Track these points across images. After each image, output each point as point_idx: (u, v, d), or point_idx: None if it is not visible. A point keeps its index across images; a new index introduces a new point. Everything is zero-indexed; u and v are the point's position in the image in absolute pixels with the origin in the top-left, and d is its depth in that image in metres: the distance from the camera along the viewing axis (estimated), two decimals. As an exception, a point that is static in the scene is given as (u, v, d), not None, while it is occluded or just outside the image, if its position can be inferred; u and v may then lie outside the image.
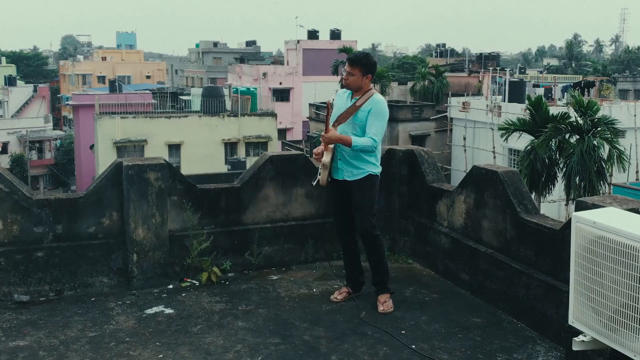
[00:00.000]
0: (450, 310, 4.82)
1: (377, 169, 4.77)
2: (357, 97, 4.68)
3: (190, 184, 5.40)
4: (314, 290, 5.18)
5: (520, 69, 64.20)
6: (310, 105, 41.73)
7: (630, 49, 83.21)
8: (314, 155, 4.77)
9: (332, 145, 4.64)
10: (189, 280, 5.35)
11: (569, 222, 4.11)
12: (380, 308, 4.71)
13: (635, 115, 28.92)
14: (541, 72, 64.48)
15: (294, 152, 5.82)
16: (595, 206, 3.70)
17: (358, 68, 4.60)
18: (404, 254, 5.98)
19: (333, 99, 4.82)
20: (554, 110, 22.57)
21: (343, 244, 4.99)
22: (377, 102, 4.65)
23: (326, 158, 4.65)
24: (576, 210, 3.81)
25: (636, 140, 27.00)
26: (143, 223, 5.16)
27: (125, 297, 5.08)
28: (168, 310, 4.79)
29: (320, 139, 4.65)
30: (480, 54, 58.95)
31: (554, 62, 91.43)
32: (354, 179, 4.68)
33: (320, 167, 4.72)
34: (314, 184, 4.87)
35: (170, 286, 5.26)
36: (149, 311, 4.79)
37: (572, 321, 3.45)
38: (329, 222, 5.48)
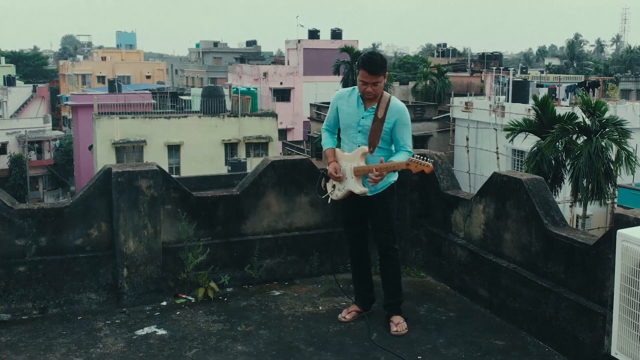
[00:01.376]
0: (469, 331, 4.40)
1: (396, 176, 4.39)
2: (374, 107, 4.25)
3: (186, 191, 4.98)
4: (320, 308, 4.77)
5: (522, 68, 63.79)
6: (311, 105, 41.31)
7: (632, 48, 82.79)
8: (331, 176, 4.30)
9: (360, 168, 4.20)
10: (184, 296, 4.94)
11: (604, 237, 3.70)
12: (394, 329, 4.29)
13: (640, 116, 28.51)
14: (542, 72, 64.05)
15: (297, 156, 5.41)
16: (638, 221, 3.29)
17: (382, 74, 4.16)
18: (415, 267, 5.56)
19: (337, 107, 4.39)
20: (558, 110, 22.15)
21: (354, 257, 4.58)
22: (401, 111, 4.24)
23: (359, 187, 4.21)
24: (616, 225, 3.40)
25: (643, 139, 26.52)
26: (134, 235, 4.75)
27: (115, 315, 4.67)
28: (161, 331, 4.38)
29: (372, 177, 4.09)
30: (483, 53, 58.57)
31: (556, 62, 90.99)
32: (375, 193, 4.28)
33: (340, 190, 4.31)
34: (323, 198, 4.46)
35: (164, 303, 4.85)
36: (140, 332, 4.37)
37: (615, 352, 3.04)
38: (337, 232, 5.09)
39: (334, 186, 4.41)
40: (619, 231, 2.92)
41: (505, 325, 4.48)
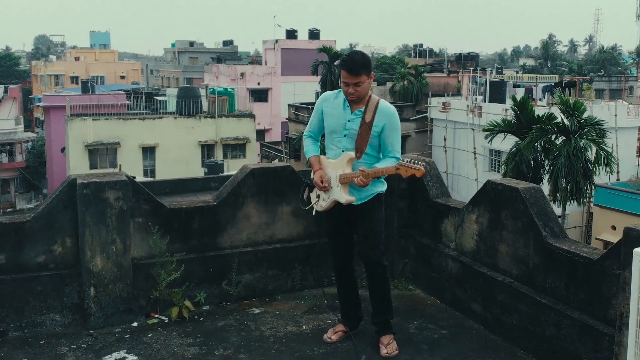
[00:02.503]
0: (463, 349, 4.12)
1: (384, 186, 4.08)
2: (361, 109, 3.94)
3: (158, 203, 4.62)
4: (304, 327, 4.44)
5: (497, 69, 64.25)
6: (290, 106, 40.95)
7: (605, 49, 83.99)
8: (317, 186, 3.99)
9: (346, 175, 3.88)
10: (156, 316, 4.58)
11: (611, 251, 3.45)
12: (384, 351, 3.99)
13: (616, 115, 28.74)
14: (518, 72, 64.57)
15: (278, 164, 5.08)
16: (650, 236, 3.03)
17: (365, 74, 3.85)
18: (403, 279, 5.27)
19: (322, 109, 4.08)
20: (536, 111, 22.15)
21: (340, 274, 4.27)
22: (390, 114, 3.93)
23: (345, 196, 3.90)
24: (625, 240, 3.15)
25: (616, 140, 26.76)
26: (101, 251, 4.38)
27: (81, 338, 4.29)
28: (131, 357, 4.02)
29: (357, 182, 3.80)
30: (459, 54, 58.76)
31: (530, 62, 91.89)
32: (361, 202, 3.97)
33: (325, 200, 3.99)
34: (307, 209, 4.14)
35: (135, 324, 4.48)
36: (108, 358, 4.01)
37: (630, 380, 2.77)
38: (321, 243, 4.78)
39: (318, 196, 4.10)
40: (637, 250, 2.66)
41: (501, 343, 4.21)
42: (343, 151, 3.94)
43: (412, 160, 3.73)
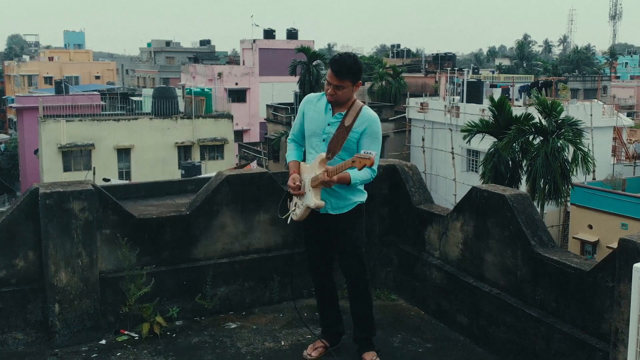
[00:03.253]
0: (449, 364, 3.95)
1: (364, 196, 3.87)
2: (342, 113, 3.74)
3: (127, 213, 4.36)
4: (282, 342, 4.23)
5: (474, 69, 64.73)
6: (268, 106, 40.64)
7: (579, 49, 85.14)
8: (290, 189, 3.79)
9: (318, 178, 3.62)
10: (126, 332, 4.32)
11: (604, 263, 3.30)
12: (367, 368, 3.79)
13: (591, 115, 29.02)
14: (494, 72, 65.11)
15: (255, 170, 4.85)
16: (647, 248, 2.88)
17: (349, 79, 3.64)
18: (386, 289, 5.08)
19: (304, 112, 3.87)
20: (513, 111, 22.21)
21: (319, 288, 4.06)
22: (371, 119, 3.72)
23: (315, 200, 3.65)
24: (620, 252, 2.99)
25: (592, 140, 27.03)
26: (66, 265, 4.11)
27: (45, 358, 4.03)
28: (97, 379, 3.76)
29: (320, 178, 3.54)
30: (437, 54, 58.98)
31: (506, 62, 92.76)
32: (339, 213, 3.76)
33: (300, 207, 3.78)
34: (284, 218, 3.93)
35: (103, 342, 4.22)
36: (73, 380, 3.75)
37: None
38: (299, 252, 4.56)
39: (295, 204, 3.89)
40: (636, 266, 2.50)
41: (488, 357, 4.04)
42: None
43: (365, 152, 3.44)
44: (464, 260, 4.34)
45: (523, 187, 22.19)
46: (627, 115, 43.52)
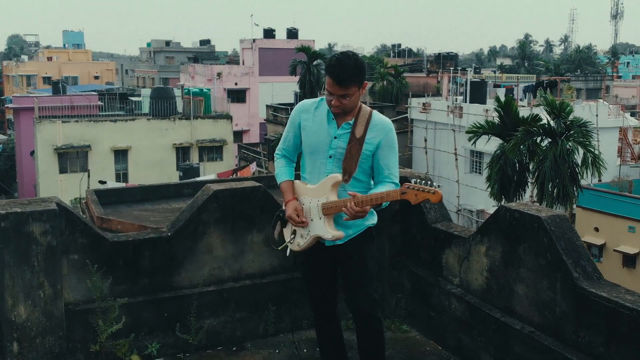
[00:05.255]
0: (475, 416, 3.35)
1: (375, 218, 3.29)
2: (350, 122, 3.14)
3: (98, 235, 3.77)
4: (279, 387, 3.64)
5: (475, 68, 64.19)
6: (268, 106, 40.05)
7: (580, 48, 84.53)
8: (291, 222, 3.20)
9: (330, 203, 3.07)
10: (97, 374, 3.73)
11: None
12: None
13: (597, 115, 28.44)
14: (495, 72, 64.57)
15: (247, 183, 4.25)
16: None
17: (356, 84, 3.03)
18: (396, 319, 4.48)
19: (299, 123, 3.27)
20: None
21: (321, 326, 3.46)
22: (387, 129, 3.13)
23: (331, 229, 3.11)
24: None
25: (598, 142, 26.43)
26: (26, 297, 3.51)
27: (0, 406, 3.44)
28: None
29: (347, 210, 2.98)
30: (439, 54, 58.38)
31: (507, 61, 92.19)
32: (347, 240, 3.17)
33: (305, 237, 3.19)
34: (280, 249, 3.34)
35: (69, 386, 3.63)
36: None
37: None
38: (298, 277, 3.97)
39: (294, 232, 3.29)
40: None
41: (520, 406, 3.45)
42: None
43: (421, 181, 2.89)
44: (490, 290, 3.73)
45: (530, 191, 21.64)
46: (631, 115, 42.95)
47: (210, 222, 4.03)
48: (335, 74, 2.98)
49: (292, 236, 3.26)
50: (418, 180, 2.91)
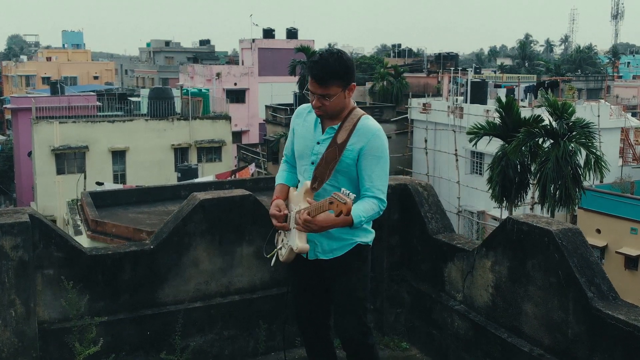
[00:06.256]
0: None
1: (370, 236, 3.00)
2: (335, 127, 2.88)
3: (75, 249, 3.51)
4: (268, 413, 3.38)
5: (476, 68, 63.99)
6: (267, 107, 39.80)
7: (581, 48, 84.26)
8: (273, 220, 2.95)
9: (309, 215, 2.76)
10: (74, 398, 3.48)
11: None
12: None
13: (599, 116, 28.19)
14: (495, 72, 64.36)
15: (236, 192, 3.99)
16: None
17: (337, 83, 2.77)
18: (395, 336, 4.22)
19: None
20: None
21: (312, 348, 3.21)
22: (371, 132, 2.84)
23: (299, 241, 2.82)
24: None
25: (600, 142, 26.22)
26: (-5, 316, 3.27)
27: None
28: None
29: (300, 219, 2.71)
30: (439, 54, 58.11)
31: (507, 61, 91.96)
32: (333, 257, 2.91)
33: (285, 246, 2.95)
34: (268, 257, 3.09)
35: (43, 412, 3.37)
36: None
37: None
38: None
39: (282, 240, 3.05)
40: None
41: None
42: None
43: (345, 191, 2.54)
44: (495, 308, 3.48)
45: (532, 193, 21.39)
46: (632, 115, 42.69)
47: (197, 234, 3.77)
48: (315, 72, 2.74)
49: (280, 245, 3.02)
50: (343, 190, 2.54)
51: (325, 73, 2.73)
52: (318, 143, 2.89)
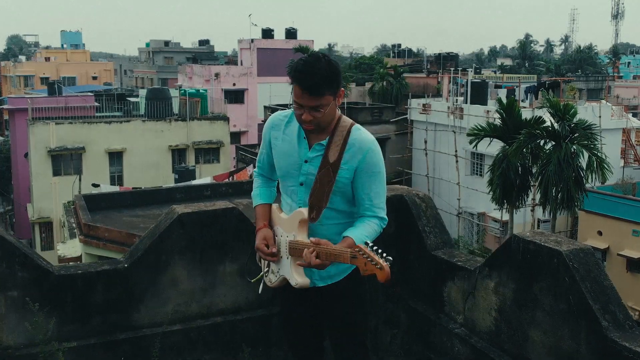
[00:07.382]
0: None
1: None
2: (324, 142, 2.57)
3: (41, 268, 3.23)
4: None
5: (476, 69, 63.73)
6: (266, 107, 39.54)
7: (581, 48, 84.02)
8: (261, 254, 2.67)
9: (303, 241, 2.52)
10: None
11: None
12: None
13: (600, 117, 27.92)
14: (495, 72, 64.12)
15: (218, 205, 3.71)
16: None
17: (330, 92, 2.46)
18: (391, 357, 3.94)
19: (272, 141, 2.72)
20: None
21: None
22: (365, 146, 2.54)
23: (297, 276, 2.57)
24: None
25: (602, 143, 25.93)
26: (-48, 343, 2.99)
27: None
28: None
29: (303, 260, 2.46)
30: (439, 54, 57.83)
31: (508, 62, 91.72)
32: (328, 283, 2.63)
33: (275, 274, 2.67)
34: (254, 281, 2.82)
35: None
36: None
37: None
38: (277, 313, 3.44)
39: (268, 264, 2.76)
40: None
41: None
42: (300, 207, 2.58)
43: (373, 247, 2.29)
44: (499, 333, 3.19)
45: (533, 195, 21.11)
46: (633, 116, 42.43)
47: (175, 251, 3.49)
48: (305, 81, 2.41)
49: (267, 269, 2.73)
50: (372, 246, 2.30)
51: (318, 82, 2.41)
52: (307, 161, 2.58)
